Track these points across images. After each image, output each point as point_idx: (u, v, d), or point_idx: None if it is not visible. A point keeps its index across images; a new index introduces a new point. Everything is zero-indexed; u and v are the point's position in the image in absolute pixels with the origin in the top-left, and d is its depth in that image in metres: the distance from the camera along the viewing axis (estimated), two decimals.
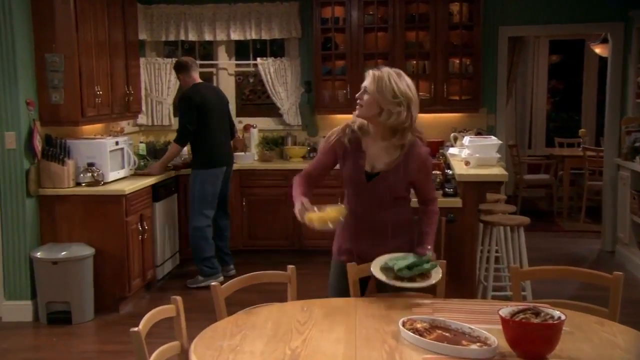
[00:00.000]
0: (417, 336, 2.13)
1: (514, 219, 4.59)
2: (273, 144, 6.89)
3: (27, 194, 4.79)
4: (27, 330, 4.71)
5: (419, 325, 2.21)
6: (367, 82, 2.81)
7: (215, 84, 7.30)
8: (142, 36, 6.66)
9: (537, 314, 2.03)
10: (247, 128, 6.94)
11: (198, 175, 5.58)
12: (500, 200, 5.25)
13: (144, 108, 6.78)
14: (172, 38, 6.85)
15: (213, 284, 2.61)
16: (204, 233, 5.60)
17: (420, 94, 6.63)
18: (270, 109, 7.18)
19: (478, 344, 2.07)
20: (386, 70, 2.82)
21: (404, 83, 2.83)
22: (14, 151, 4.74)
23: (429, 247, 2.83)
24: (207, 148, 5.61)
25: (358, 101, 2.85)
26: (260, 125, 6.99)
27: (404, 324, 2.22)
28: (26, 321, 4.81)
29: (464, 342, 2.09)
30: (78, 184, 5.02)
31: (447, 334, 2.17)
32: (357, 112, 2.87)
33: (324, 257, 6.11)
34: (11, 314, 4.83)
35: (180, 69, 5.76)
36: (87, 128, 5.49)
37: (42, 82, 4.89)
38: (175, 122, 7.04)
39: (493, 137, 4.68)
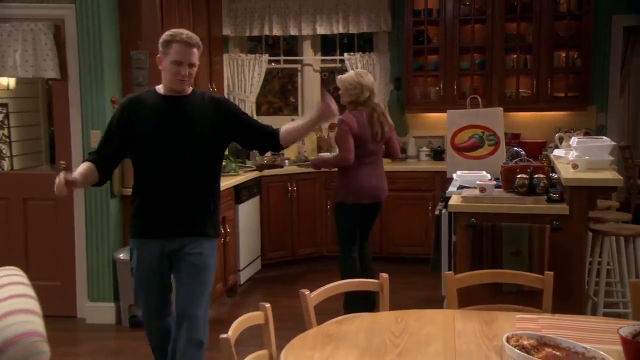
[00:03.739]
0: (524, 354, 2.07)
1: (629, 228, 4.40)
2: None
3: (111, 193, 5.01)
4: (110, 333, 4.93)
5: (525, 342, 2.14)
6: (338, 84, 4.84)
7: (299, 80, 7.40)
8: (226, 31, 6.83)
9: None
10: (332, 127, 6.98)
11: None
12: (613, 207, 5.05)
13: None
14: (256, 33, 6.99)
15: (302, 290, 2.63)
16: None
17: (521, 90, 6.51)
18: None
19: None
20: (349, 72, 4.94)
21: (359, 76, 4.77)
22: None
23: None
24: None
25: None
26: None
27: (508, 340, 2.16)
28: (109, 324, 5.04)
29: None
30: None
31: (557, 353, 2.09)
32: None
33: (412, 265, 6.16)
34: (94, 316, 5.07)
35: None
36: None
37: (127, 79, 5.10)
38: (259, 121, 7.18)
39: (605, 138, 4.50)
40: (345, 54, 6.95)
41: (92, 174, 3.30)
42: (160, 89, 3.37)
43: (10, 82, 6.24)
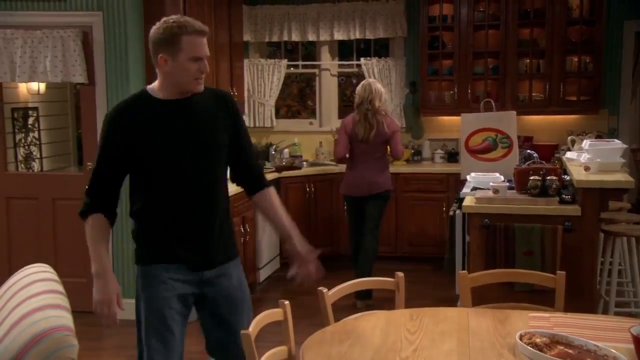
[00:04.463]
0: (536, 351, 2.07)
1: None
2: None
3: None
4: (134, 328, 4.90)
5: (538, 340, 2.14)
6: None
7: (317, 85, 7.41)
8: (246, 37, 6.87)
9: None
10: None
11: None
12: (624, 208, 5.00)
13: (246, 109, 6.98)
14: (275, 39, 7.01)
15: (319, 288, 2.65)
16: None
17: (534, 94, 6.48)
18: None
19: None
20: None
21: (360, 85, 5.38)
22: None
23: None
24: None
25: None
26: None
27: (521, 338, 2.16)
28: (133, 319, 5.04)
29: None
30: None
31: (569, 351, 2.09)
32: None
33: (426, 264, 6.14)
34: (119, 311, 5.09)
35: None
36: None
37: (151, 82, 5.12)
38: (278, 124, 7.22)
39: (616, 141, 4.47)
40: (362, 59, 6.96)
41: (106, 233, 2.66)
42: (155, 91, 2.60)
43: (41, 86, 6.31)
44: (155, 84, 2.62)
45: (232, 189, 2.88)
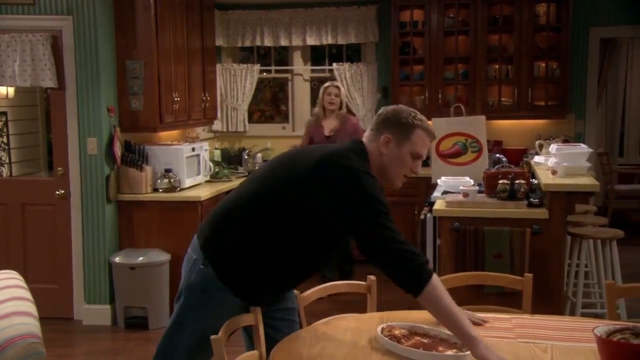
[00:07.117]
0: (394, 342, 2.19)
1: (606, 231, 4.44)
2: None
3: (107, 199, 5.00)
4: (106, 334, 4.91)
5: (397, 332, 2.29)
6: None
7: (290, 89, 7.40)
8: (219, 42, 6.83)
9: (637, 334, 1.95)
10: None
11: None
12: (590, 211, 5.08)
13: (219, 114, 6.95)
14: (248, 44, 6.99)
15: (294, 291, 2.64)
16: None
17: (503, 99, 6.55)
18: None
19: (454, 350, 2.14)
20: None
21: None
22: (95, 157, 4.96)
23: None
24: None
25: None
26: None
27: (382, 331, 2.29)
28: (105, 325, 5.01)
29: (440, 349, 2.16)
30: (155, 190, 5.19)
31: (424, 340, 2.23)
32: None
33: None
34: (91, 317, 5.04)
35: None
36: (164, 134, 5.68)
37: (123, 88, 5.10)
38: (251, 129, 7.20)
39: (583, 145, 4.54)
40: (334, 64, 6.97)
41: None
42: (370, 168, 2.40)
43: (10, 91, 6.22)
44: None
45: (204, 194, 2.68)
